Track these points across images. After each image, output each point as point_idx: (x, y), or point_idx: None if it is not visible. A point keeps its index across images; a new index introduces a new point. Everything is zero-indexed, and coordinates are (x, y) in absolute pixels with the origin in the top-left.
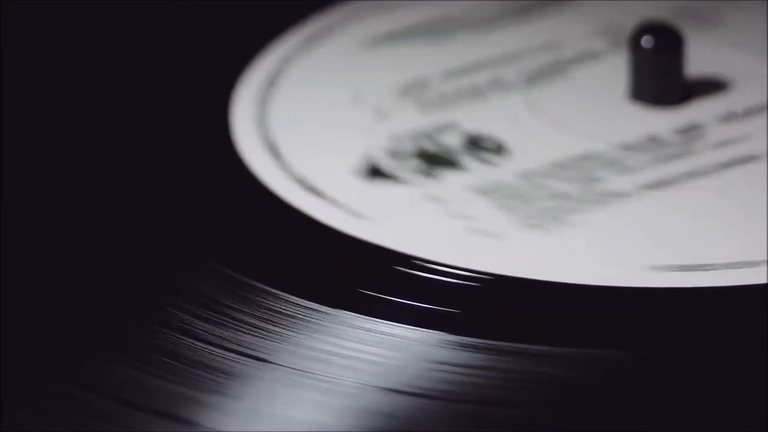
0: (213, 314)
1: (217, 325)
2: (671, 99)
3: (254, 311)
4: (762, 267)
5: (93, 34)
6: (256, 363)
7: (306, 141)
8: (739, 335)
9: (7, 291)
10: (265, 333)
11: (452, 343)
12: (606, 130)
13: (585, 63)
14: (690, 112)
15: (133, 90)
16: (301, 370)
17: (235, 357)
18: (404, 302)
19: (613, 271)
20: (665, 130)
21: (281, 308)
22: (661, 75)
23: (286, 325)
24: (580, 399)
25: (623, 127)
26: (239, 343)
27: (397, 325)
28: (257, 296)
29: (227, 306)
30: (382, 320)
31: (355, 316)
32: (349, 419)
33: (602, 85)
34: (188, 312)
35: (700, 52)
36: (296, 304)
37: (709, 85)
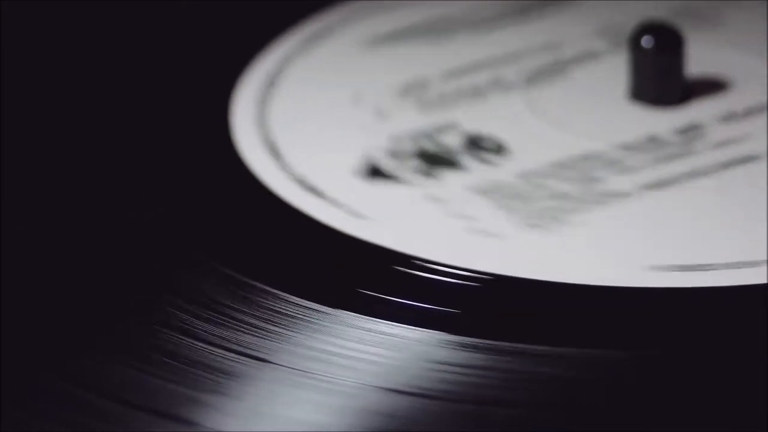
0: (213, 314)
1: (217, 325)
2: (671, 99)
3: (254, 311)
4: (762, 267)
5: (93, 34)
6: (256, 363)
7: (306, 141)
8: (739, 335)
9: (7, 291)
10: (265, 333)
11: (452, 343)
12: (606, 130)
13: (585, 63)
14: (690, 112)
15: (133, 90)
16: (301, 370)
17: (235, 357)
18: (404, 302)
19: (613, 271)
20: (665, 130)
21: (281, 308)
22: (661, 75)
23: (286, 325)
24: (580, 399)
25: (623, 127)
26: (239, 343)
27: (397, 325)
28: (257, 296)
29: (227, 306)
30: (382, 320)
31: (355, 316)
32: (349, 419)
33: (602, 85)
34: (188, 312)
35: (700, 52)
36: (296, 304)
37: (709, 85)
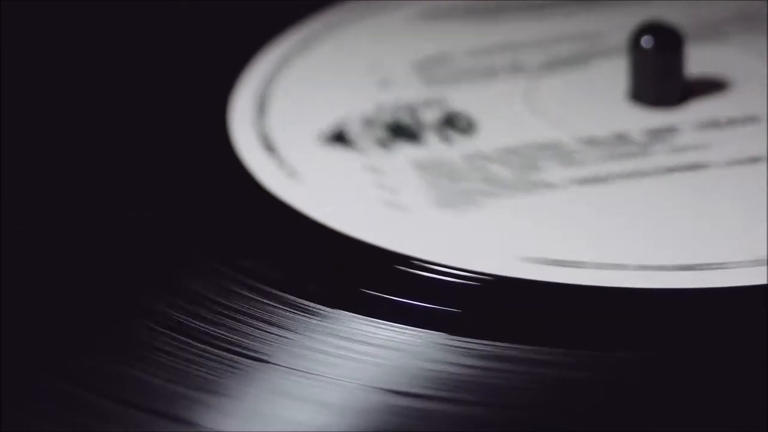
0: (213, 314)
1: (217, 325)
2: (671, 99)
3: (254, 311)
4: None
5: (93, 34)
6: (256, 363)
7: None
8: (739, 335)
9: (7, 291)
10: (265, 333)
11: (452, 344)
12: (581, 122)
13: (611, 58)
14: (674, 115)
15: (132, 90)
16: (300, 371)
17: (235, 357)
18: (404, 302)
19: (483, 259)
20: (638, 129)
21: (281, 308)
22: (660, 75)
23: (286, 325)
24: (580, 399)
25: (599, 122)
26: (239, 343)
27: (397, 326)
28: (257, 296)
29: (227, 306)
30: (382, 320)
31: (354, 317)
32: (349, 419)
33: (610, 80)
34: (188, 312)
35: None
36: (296, 304)
37: (709, 85)
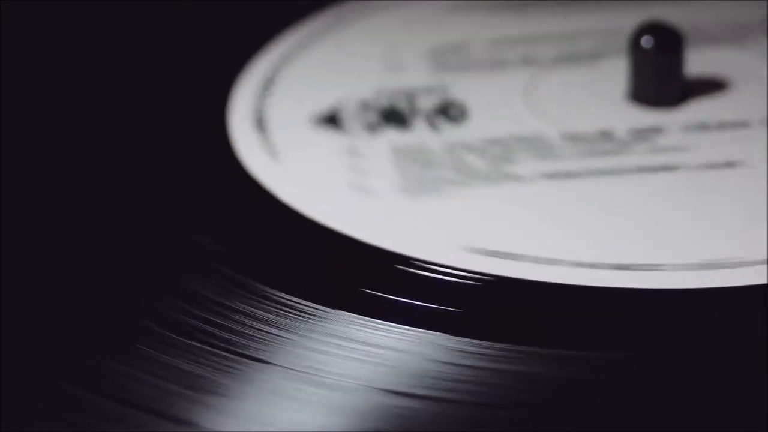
0: (213, 314)
1: (217, 325)
2: (670, 99)
3: (254, 311)
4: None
5: (92, 34)
6: (256, 363)
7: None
8: (739, 335)
9: (7, 291)
10: (265, 333)
11: (452, 344)
12: (571, 118)
13: (623, 56)
14: (666, 115)
15: (131, 90)
16: (300, 371)
17: (234, 357)
18: (404, 302)
19: (426, 247)
20: (625, 128)
21: (281, 308)
22: (660, 75)
23: (285, 326)
24: (580, 399)
25: (587, 118)
26: (239, 343)
27: (396, 326)
28: (257, 296)
29: (227, 306)
30: (382, 321)
31: (354, 317)
32: (349, 420)
33: (610, 80)
34: (188, 312)
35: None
36: (296, 304)
37: (709, 85)
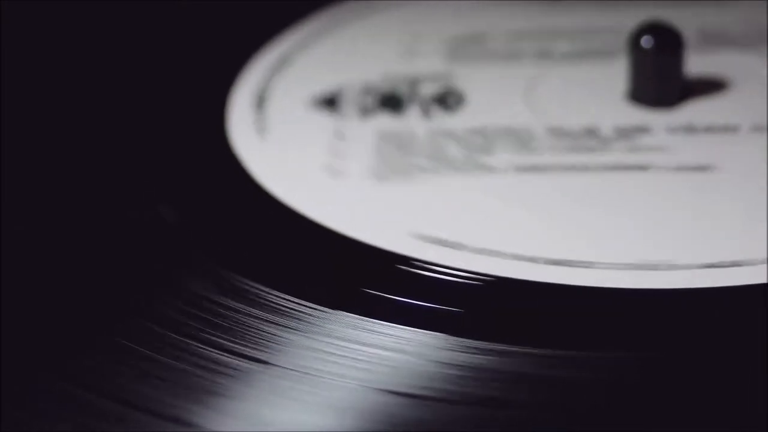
0: (212, 314)
1: (217, 326)
2: (670, 99)
3: (254, 311)
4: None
5: (92, 34)
6: (256, 364)
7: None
8: (739, 335)
9: (7, 291)
10: (265, 333)
11: (452, 344)
12: (561, 112)
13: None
14: (658, 115)
15: (132, 90)
16: (300, 371)
17: (234, 358)
18: (404, 302)
19: (372, 232)
20: (611, 125)
21: (281, 308)
22: (660, 75)
23: (285, 326)
24: (580, 399)
25: (577, 114)
26: (239, 343)
27: (396, 326)
28: (257, 296)
29: (227, 306)
30: (382, 321)
31: (354, 317)
32: (349, 420)
33: (616, 77)
34: (188, 312)
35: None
36: (296, 305)
37: (710, 85)
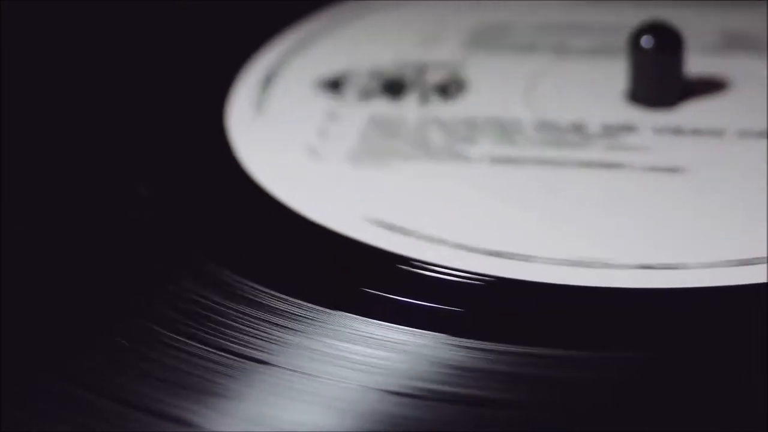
0: (212, 315)
1: (217, 326)
2: (669, 99)
3: (254, 312)
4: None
5: (92, 34)
6: (256, 364)
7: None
8: (739, 335)
9: (7, 291)
10: (265, 334)
11: (452, 344)
12: (553, 107)
13: None
14: (649, 115)
15: (132, 90)
16: (300, 372)
17: (235, 358)
18: (405, 302)
19: (332, 216)
20: (600, 122)
21: (281, 309)
22: (660, 75)
23: (286, 326)
24: (580, 399)
25: (567, 109)
26: (239, 343)
27: (395, 326)
28: (257, 297)
29: (227, 306)
30: (382, 321)
31: (354, 318)
32: (349, 421)
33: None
34: (188, 312)
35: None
36: (296, 305)
37: (709, 85)
